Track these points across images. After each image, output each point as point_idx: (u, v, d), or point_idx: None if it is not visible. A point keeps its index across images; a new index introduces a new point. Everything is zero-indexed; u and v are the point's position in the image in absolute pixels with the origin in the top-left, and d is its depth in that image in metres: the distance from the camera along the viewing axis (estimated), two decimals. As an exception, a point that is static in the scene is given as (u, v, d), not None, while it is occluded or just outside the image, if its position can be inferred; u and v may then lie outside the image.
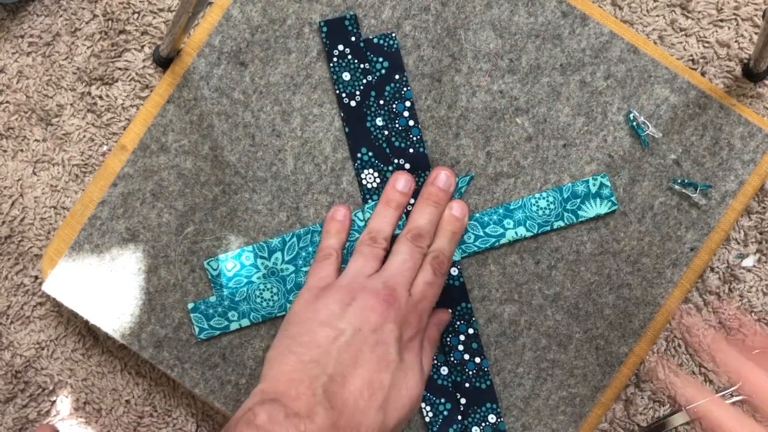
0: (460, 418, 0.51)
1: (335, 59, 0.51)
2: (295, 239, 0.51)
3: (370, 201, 0.51)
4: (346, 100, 0.51)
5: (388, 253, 0.48)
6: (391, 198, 0.50)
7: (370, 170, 0.51)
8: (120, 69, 0.54)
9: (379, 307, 0.44)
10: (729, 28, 0.54)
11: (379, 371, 0.42)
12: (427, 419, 0.50)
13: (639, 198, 0.51)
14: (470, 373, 0.51)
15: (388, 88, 0.51)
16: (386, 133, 0.51)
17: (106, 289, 0.50)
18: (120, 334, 0.50)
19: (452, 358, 0.51)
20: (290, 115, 0.52)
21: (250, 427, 0.38)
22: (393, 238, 0.49)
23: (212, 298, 0.50)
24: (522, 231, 0.51)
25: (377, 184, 0.51)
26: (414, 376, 0.44)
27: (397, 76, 0.52)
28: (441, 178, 0.50)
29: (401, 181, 0.50)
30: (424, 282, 0.46)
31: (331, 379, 0.41)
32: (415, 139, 0.51)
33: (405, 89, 0.52)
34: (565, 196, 0.51)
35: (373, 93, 0.51)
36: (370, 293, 0.44)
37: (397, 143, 0.51)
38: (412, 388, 0.44)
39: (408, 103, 0.51)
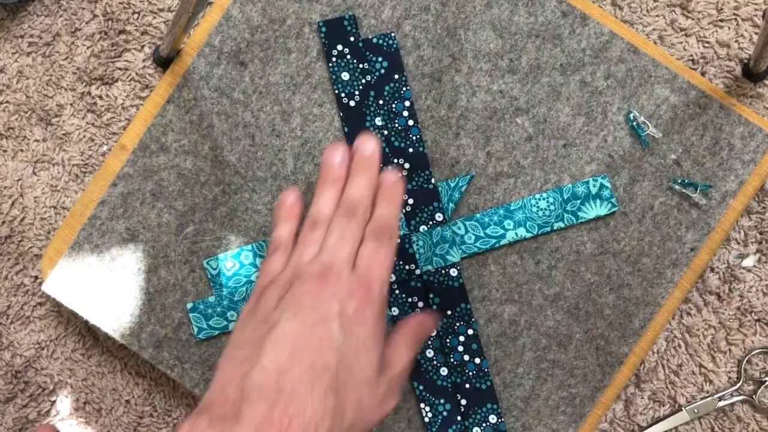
0: (460, 418, 0.50)
1: (334, 59, 0.51)
2: (294, 239, 0.51)
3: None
4: (345, 100, 0.51)
5: None
6: (328, 175, 0.46)
7: (370, 170, 0.51)
8: (120, 69, 0.54)
9: (313, 288, 0.40)
10: (729, 28, 0.54)
11: (321, 351, 0.39)
12: (426, 419, 0.50)
13: (639, 198, 0.51)
14: (470, 373, 0.51)
15: (387, 87, 0.51)
16: (386, 132, 0.51)
17: (106, 289, 0.50)
18: (120, 334, 0.50)
19: (452, 359, 0.51)
20: (290, 115, 0.52)
21: None
22: None
23: (211, 298, 0.50)
24: (522, 232, 0.51)
25: (377, 184, 0.51)
26: (367, 354, 0.40)
27: (396, 76, 0.52)
28: (367, 144, 0.46)
29: (336, 156, 0.46)
30: (366, 254, 0.43)
31: (264, 371, 0.38)
32: (414, 138, 0.51)
33: (404, 89, 0.52)
34: (566, 197, 0.51)
35: (372, 93, 0.51)
36: (304, 278, 0.41)
37: (396, 143, 0.51)
38: (365, 368, 0.40)
39: (407, 103, 0.51)
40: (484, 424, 0.51)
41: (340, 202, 0.45)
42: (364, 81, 0.51)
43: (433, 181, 0.52)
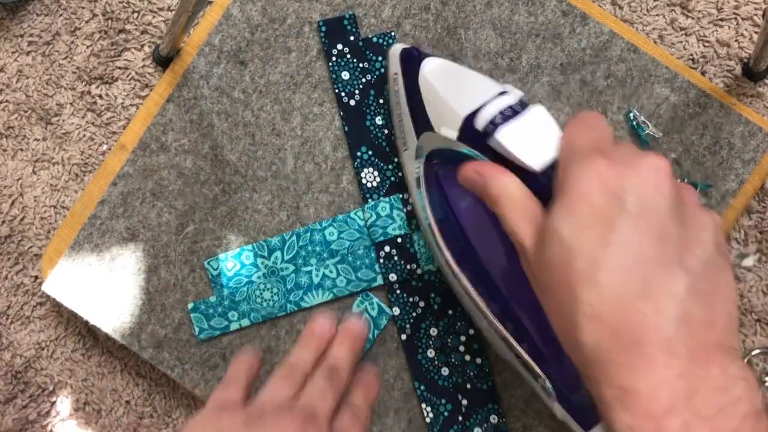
0: (461, 419, 0.50)
1: (334, 58, 0.51)
2: (294, 238, 0.51)
3: (370, 200, 0.51)
4: (345, 99, 0.51)
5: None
6: (312, 333, 0.46)
7: (370, 169, 0.51)
8: (120, 68, 0.54)
9: (295, 427, 0.38)
10: (729, 27, 0.54)
11: None
12: (428, 420, 0.50)
13: (639, 197, 0.51)
14: (471, 374, 0.51)
15: (387, 87, 0.51)
16: (386, 132, 0.51)
17: (106, 289, 0.50)
18: (120, 334, 0.50)
19: (453, 360, 0.51)
20: (290, 114, 0.52)
21: None
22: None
23: (212, 298, 0.50)
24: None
25: (377, 182, 0.51)
26: None
27: (397, 75, 0.52)
28: (357, 323, 0.46)
29: (318, 323, 0.46)
30: (343, 422, 0.41)
31: None
32: (415, 138, 0.52)
33: (405, 88, 0.52)
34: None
35: (372, 92, 0.51)
36: (283, 417, 0.39)
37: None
38: None
39: (408, 102, 0.52)
40: (485, 425, 0.50)
41: (324, 359, 0.44)
42: (364, 80, 0.51)
43: (433, 180, 0.52)
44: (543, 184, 0.37)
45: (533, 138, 0.37)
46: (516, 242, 0.35)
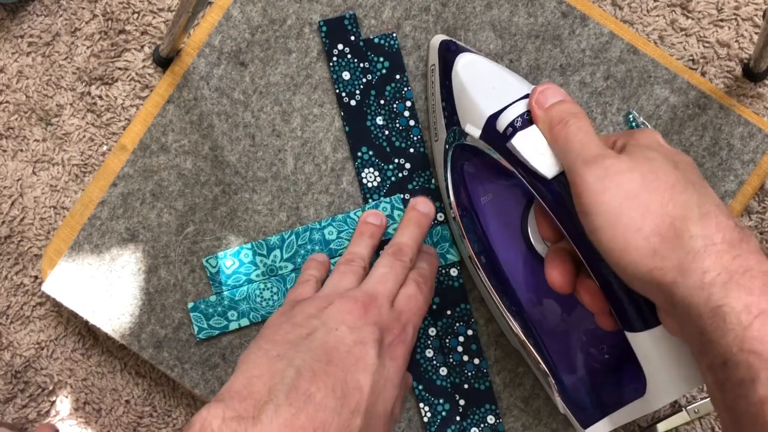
0: (458, 419, 0.51)
1: (335, 59, 0.51)
2: (293, 237, 0.51)
3: (370, 201, 0.51)
4: (346, 100, 0.51)
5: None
6: (364, 230, 0.49)
7: (371, 169, 0.51)
8: (120, 69, 0.54)
9: (356, 310, 0.41)
10: (729, 28, 0.54)
11: (356, 371, 0.38)
12: (426, 419, 0.50)
13: (639, 198, 0.51)
14: (469, 374, 0.51)
15: (388, 87, 0.51)
16: (386, 132, 0.51)
17: (105, 289, 0.50)
18: (120, 334, 0.50)
19: (451, 360, 0.51)
20: (290, 115, 0.52)
21: None
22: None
23: (212, 298, 0.50)
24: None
25: (378, 183, 0.51)
26: (392, 390, 0.40)
27: (397, 76, 0.52)
28: (420, 203, 0.49)
29: (371, 216, 0.50)
30: (406, 295, 0.44)
31: (298, 374, 0.37)
32: (415, 138, 0.51)
33: (405, 89, 0.52)
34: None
35: (373, 92, 0.51)
36: (347, 298, 0.42)
37: (397, 143, 0.51)
38: (388, 402, 0.40)
39: (408, 103, 0.52)
40: (482, 425, 0.51)
41: (389, 244, 0.47)
42: (364, 80, 0.51)
43: (433, 181, 0.52)
44: (556, 191, 0.37)
45: (548, 145, 0.39)
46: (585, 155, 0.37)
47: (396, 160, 0.51)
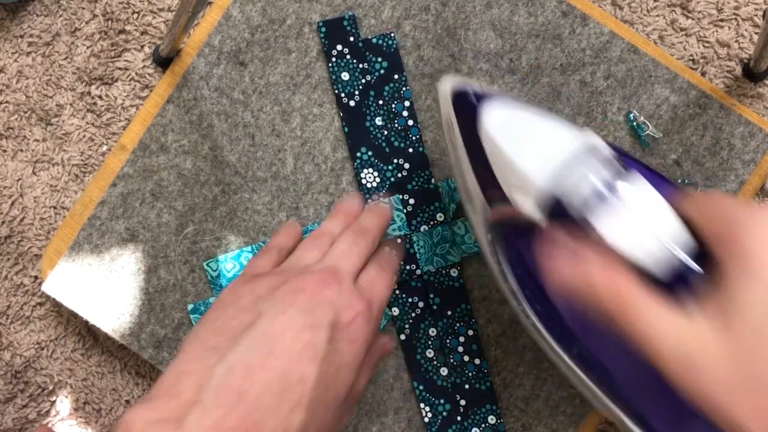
0: (459, 419, 0.50)
1: (334, 59, 0.51)
2: (294, 239, 0.51)
3: (370, 201, 0.51)
4: (345, 100, 0.51)
5: None
6: (340, 207, 0.46)
7: (370, 169, 0.51)
8: (120, 69, 0.54)
9: (311, 288, 0.37)
10: (729, 28, 0.54)
11: (300, 361, 0.34)
12: (426, 419, 0.50)
13: (639, 198, 0.51)
14: (470, 374, 0.51)
15: (387, 88, 0.51)
16: (385, 132, 0.51)
17: (105, 289, 0.50)
18: (120, 334, 0.50)
19: (452, 360, 0.51)
20: (290, 115, 0.52)
21: None
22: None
23: (212, 299, 0.50)
24: (522, 231, 0.51)
25: (377, 183, 0.51)
26: (347, 375, 0.37)
27: (396, 76, 0.52)
28: (385, 206, 0.47)
29: (350, 197, 0.48)
30: (371, 273, 0.41)
31: (231, 370, 0.33)
32: (414, 138, 0.51)
33: (404, 89, 0.52)
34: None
35: (372, 93, 0.51)
36: (303, 276, 0.38)
37: (396, 143, 0.51)
38: (341, 388, 0.36)
39: (407, 103, 0.51)
40: (483, 425, 0.51)
41: (352, 225, 0.44)
42: (363, 81, 0.51)
43: (433, 181, 0.52)
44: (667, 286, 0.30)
45: (646, 229, 0.31)
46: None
47: (395, 161, 0.51)
